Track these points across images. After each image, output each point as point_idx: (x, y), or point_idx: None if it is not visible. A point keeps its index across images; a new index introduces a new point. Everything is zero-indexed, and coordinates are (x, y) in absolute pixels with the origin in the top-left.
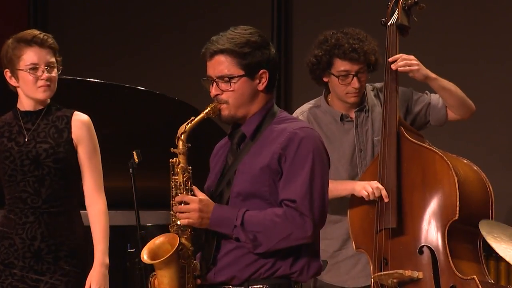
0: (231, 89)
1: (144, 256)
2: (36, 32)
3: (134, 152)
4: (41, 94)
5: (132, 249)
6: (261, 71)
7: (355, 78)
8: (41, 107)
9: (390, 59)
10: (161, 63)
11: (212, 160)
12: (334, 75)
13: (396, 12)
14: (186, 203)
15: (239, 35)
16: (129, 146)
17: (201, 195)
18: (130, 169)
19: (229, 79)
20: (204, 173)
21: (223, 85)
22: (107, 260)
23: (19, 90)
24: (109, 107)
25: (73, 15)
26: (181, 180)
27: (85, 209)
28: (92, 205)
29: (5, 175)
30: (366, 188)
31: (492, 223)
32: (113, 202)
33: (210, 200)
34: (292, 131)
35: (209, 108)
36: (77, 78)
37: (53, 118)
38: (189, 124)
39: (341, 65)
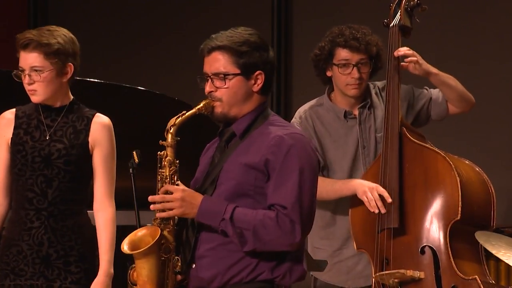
0: (225, 86)
1: (125, 246)
2: (29, 33)
3: (134, 152)
4: (31, 98)
5: None
6: (257, 72)
7: (355, 68)
8: (61, 104)
9: (395, 53)
10: (161, 63)
11: (201, 157)
12: (335, 64)
13: (399, 13)
14: (170, 193)
15: (238, 34)
16: (129, 146)
17: (185, 187)
18: (130, 169)
19: (224, 76)
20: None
21: (217, 82)
22: (112, 270)
23: None
24: (109, 107)
25: (73, 15)
26: (167, 173)
27: (92, 209)
28: (101, 211)
29: (15, 168)
30: (367, 195)
31: (488, 233)
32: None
33: (195, 192)
34: (281, 135)
35: (202, 104)
36: (77, 77)
37: (73, 118)
38: (179, 118)
39: (341, 54)
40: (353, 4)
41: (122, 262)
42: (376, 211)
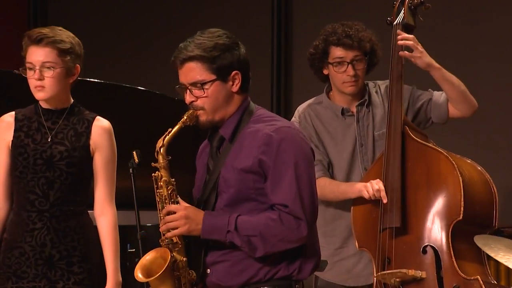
0: (204, 94)
1: (139, 274)
2: (42, 29)
3: (134, 152)
4: (36, 94)
5: (132, 249)
6: (233, 72)
7: (349, 66)
8: (62, 107)
9: (399, 37)
10: (161, 63)
11: (197, 161)
12: (330, 63)
13: (402, 11)
14: (173, 213)
15: (206, 39)
16: (129, 146)
17: (186, 204)
18: (130, 169)
19: (202, 85)
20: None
21: (196, 92)
22: (120, 278)
23: None
24: (109, 107)
25: (73, 15)
26: (166, 194)
27: (92, 208)
28: (103, 216)
29: (16, 171)
30: (367, 188)
31: (486, 237)
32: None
33: (197, 209)
34: (268, 133)
35: (185, 117)
36: (77, 77)
37: (74, 120)
38: (167, 137)
39: (335, 52)
40: (353, 4)
41: (122, 263)
42: (378, 197)
